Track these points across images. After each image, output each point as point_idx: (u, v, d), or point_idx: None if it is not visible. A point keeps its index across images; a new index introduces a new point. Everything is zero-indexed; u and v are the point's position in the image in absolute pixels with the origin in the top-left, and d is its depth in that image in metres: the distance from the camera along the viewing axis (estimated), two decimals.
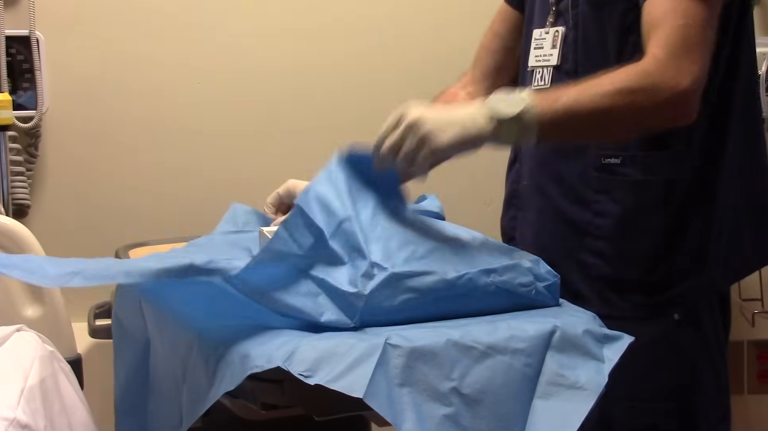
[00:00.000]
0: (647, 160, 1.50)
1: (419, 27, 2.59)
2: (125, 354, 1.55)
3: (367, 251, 1.27)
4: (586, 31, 1.51)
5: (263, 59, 2.51)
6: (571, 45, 1.52)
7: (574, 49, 1.52)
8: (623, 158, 1.50)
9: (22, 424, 1.45)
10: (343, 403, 1.21)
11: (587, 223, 1.52)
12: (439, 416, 1.17)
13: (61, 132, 2.38)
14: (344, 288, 1.23)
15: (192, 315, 1.33)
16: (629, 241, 1.51)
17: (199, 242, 1.64)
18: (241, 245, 1.58)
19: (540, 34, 1.58)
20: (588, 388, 1.22)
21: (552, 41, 1.55)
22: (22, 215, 2.31)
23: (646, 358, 1.47)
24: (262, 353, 1.18)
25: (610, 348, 1.28)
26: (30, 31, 2.30)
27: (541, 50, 1.57)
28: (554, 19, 1.56)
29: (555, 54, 1.55)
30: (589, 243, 1.52)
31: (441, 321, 1.27)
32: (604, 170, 1.52)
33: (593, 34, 1.50)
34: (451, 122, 1.30)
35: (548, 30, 1.56)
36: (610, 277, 1.52)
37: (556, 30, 1.55)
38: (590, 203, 1.52)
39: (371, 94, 2.57)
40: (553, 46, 1.55)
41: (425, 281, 1.26)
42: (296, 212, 1.27)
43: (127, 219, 2.41)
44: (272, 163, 2.53)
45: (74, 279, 1.21)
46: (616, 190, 1.51)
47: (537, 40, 1.59)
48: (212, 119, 2.48)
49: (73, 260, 1.30)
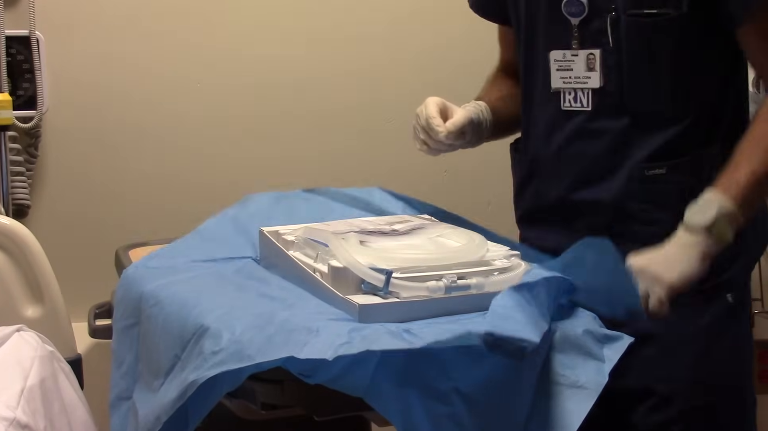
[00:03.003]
0: (693, 163, 1.52)
1: (420, 25, 2.58)
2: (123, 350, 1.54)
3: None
4: (632, 56, 1.51)
5: (263, 60, 2.50)
6: (614, 69, 1.52)
7: (618, 72, 1.52)
8: (668, 167, 1.52)
9: (22, 424, 1.45)
10: (343, 403, 1.21)
11: (634, 233, 1.52)
12: (440, 415, 1.17)
13: (61, 132, 2.38)
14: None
15: (192, 311, 1.32)
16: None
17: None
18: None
19: (564, 56, 1.57)
20: (588, 387, 1.22)
21: (586, 64, 1.54)
22: (22, 215, 2.31)
23: (705, 340, 1.53)
24: (265, 350, 1.17)
25: (610, 348, 1.27)
26: (30, 32, 2.30)
27: (570, 72, 1.57)
28: (579, 41, 1.55)
29: (594, 77, 1.54)
30: (639, 250, 1.47)
31: (440, 318, 1.27)
32: (649, 180, 1.53)
33: (642, 57, 1.51)
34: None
35: (576, 52, 1.55)
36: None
37: (590, 53, 1.54)
38: (636, 213, 1.54)
39: (372, 95, 2.57)
40: (590, 69, 1.54)
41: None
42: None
43: (127, 219, 2.41)
44: (272, 163, 2.53)
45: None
46: (664, 197, 1.52)
47: (560, 62, 1.57)
48: (212, 118, 2.48)
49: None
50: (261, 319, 1.24)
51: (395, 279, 1.26)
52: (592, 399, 1.21)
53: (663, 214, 1.51)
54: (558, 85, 1.59)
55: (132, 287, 1.52)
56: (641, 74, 1.52)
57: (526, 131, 1.68)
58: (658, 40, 1.50)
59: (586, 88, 1.56)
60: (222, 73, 2.47)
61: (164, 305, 1.40)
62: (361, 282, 1.28)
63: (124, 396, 1.46)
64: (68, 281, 2.06)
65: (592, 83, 1.55)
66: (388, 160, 2.59)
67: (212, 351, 1.22)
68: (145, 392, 1.38)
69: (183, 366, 1.27)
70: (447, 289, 1.27)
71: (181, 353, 1.29)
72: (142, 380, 1.42)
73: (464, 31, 2.58)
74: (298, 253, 1.44)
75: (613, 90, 1.53)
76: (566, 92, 1.58)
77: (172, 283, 1.46)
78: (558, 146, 1.59)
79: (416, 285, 1.27)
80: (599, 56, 1.53)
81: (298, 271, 1.41)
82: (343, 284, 1.29)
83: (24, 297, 1.96)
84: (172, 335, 1.33)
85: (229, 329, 1.23)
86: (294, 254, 1.44)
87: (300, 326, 1.21)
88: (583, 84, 1.56)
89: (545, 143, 1.62)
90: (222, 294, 1.39)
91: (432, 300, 1.27)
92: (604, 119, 1.54)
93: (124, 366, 1.48)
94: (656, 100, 1.52)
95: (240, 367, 1.17)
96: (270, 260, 1.51)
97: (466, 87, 1.72)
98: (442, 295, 1.27)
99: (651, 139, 1.52)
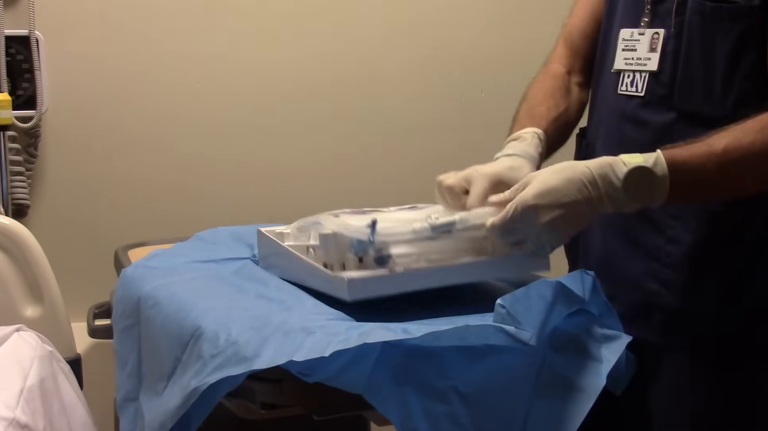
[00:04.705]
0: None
1: (420, 23, 2.59)
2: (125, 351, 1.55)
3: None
4: (690, 44, 1.40)
5: (263, 60, 2.51)
6: (671, 54, 1.42)
7: (674, 59, 1.41)
8: None
9: (21, 424, 1.45)
10: (343, 402, 1.21)
11: (658, 249, 1.44)
12: (438, 414, 1.17)
13: (61, 132, 2.38)
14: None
15: (190, 313, 1.33)
16: (699, 273, 1.41)
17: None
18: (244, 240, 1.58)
19: (631, 35, 1.48)
20: (586, 389, 1.22)
21: (650, 44, 1.44)
22: (21, 215, 2.31)
23: (710, 388, 1.42)
24: (262, 352, 1.18)
25: (608, 349, 1.27)
26: (30, 31, 2.30)
27: (633, 53, 1.47)
28: (650, 19, 1.45)
29: (654, 59, 1.43)
30: (657, 270, 1.44)
31: (440, 318, 1.27)
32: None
33: (699, 47, 1.39)
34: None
35: (643, 31, 1.46)
36: (672, 308, 1.43)
37: (655, 32, 1.44)
38: (665, 228, 1.43)
39: (372, 94, 2.57)
40: (651, 50, 1.44)
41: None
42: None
43: (127, 219, 2.41)
44: (272, 163, 2.53)
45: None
46: (693, 218, 1.41)
47: (627, 41, 1.48)
48: (212, 118, 2.48)
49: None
50: (258, 321, 1.25)
51: (381, 229, 1.28)
52: (591, 401, 1.20)
53: (687, 234, 1.41)
54: (620, 66, 1.49)
55: (131, 288, 1.53)
56: (696, 66, 1.40)
57: (590, 115, 1.59)
58: (721, 31, 1.37)
59: (644, 71, 1.45)
60: (221, 74, 2.47)
61: (162, 306, 1.40)
62: (350, 245, 1.29)
63: (131, 397, 1.46)
64: (67, 281, 2.06)
65: (651, 66, 1.44)
66: (388, 162, 2.59)
67: (211, 354, 1.22)
68: (150, 395, 1.38)
69: (184, 368, 1.28)
70: (432, 228, 1.27)
71: (181, 355, 1.30)
72: (147, 383, 1.42)
73: (468, 32, 2.59)
74: (292, 241, 1.45)
75: (666, 80, 1.42)
76: (626, 75, 1.48)
77: (171, 284, 1.46)
78: (608, 131, 1.51)
79: (402, 229, 1.27)
80: (662, 37, 1.43)
81: (291, 258, 1.41)
82: (333, 251, 1.30)
83: (23, 297, 1.97)
84: (172, 337, 1.33)
85: (226, 330, 1.23)
86: (288, 243, 1.44)
87: (297, 327, 1.22)
88: (643, 66, 1.45)
89: (599, 127, 1.54)
90: (220, 296, 1.39)
91: (424, 271, 1.28)
92: (652, 109, 1.44)
93: (128, 366, 1.49)
94: (707, 99, 1.39)
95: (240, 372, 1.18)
96: (269, 259, 1.52)
97: (467, 88, 1.72)
98: (428, 235, 1.28)
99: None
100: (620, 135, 1.47)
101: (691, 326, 1.42)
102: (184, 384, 1.25)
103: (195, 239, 1.74)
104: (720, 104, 1.37)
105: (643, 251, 1.44)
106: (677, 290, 1.42)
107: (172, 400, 1.28)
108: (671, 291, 1.42)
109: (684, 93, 1.40)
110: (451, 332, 1.17)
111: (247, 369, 1.17)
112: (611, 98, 1.50)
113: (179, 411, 1.25)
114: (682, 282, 1.41)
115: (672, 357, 1.41)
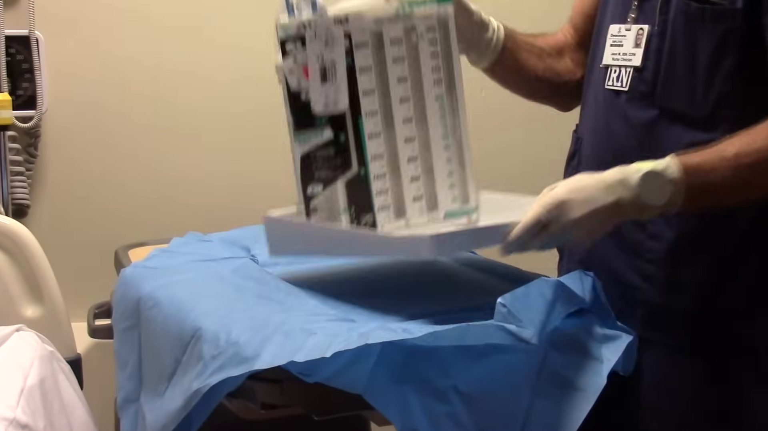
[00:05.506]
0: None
1: None
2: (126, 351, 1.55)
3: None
4: (674, 43, 1.41)
5: (264, 61, 2.49)
6: (654, 51, 1.43)
7: (657, 57, 1.43)
8: None
9: (21, 424, 1.45)
10: (343, 402, 1.21)
11: (639, 244, 1.44)
12: (438, 413, 1.17)
13: (61, 132, 2.38)
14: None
15: (190, 314, 1.33)
16: (680, 269, 1.42)
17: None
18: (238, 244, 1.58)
19: (618, 30, 1.49)
20: (587, 389, 1.22)
21: (635, 40, 1.46)
22: (21, 215, 2.31)
23: (693, 385, 1.42)
24: (262, 353, 1.18)
25: (609, 349, 1.28)
26: (30, 31, 2.30)
27: (620, 48, 1.48)
28: (636, 15, 1.47)
29: (638, 54, 1.45)
30: (639, 265, 1.44)
31: (441, 317, 1.27)
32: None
33: (682, 47, 1.40)
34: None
35: (629, 27, 1.48)
36: (654, 303, 1.44)
37: (640, 28, 1.45)
38: (646, 223, 1.43)
39: None
40: (636, 45, 1.46)
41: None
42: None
43: (127, 219, 2.41)
44: (272, 164, 2.52)
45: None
46: (675, 215, 1.39)
47: (615, 36, 1.50)
48: (212, 118, 2.48)
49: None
50: (258, 321, 1.25)
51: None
52: (592, 400, 1.21)
53: (669, 230, 1.42)
54: (608, 61, 1.51)
55: (130, 288, 1.53)
56: (678, 65, 1.41)
57: (581, 110, 1.61)
58: (704, 32, 1.38)
59: (629, 66, 1.47)
60: (222, 73, 2.47)
61: (162, 307, 1.40)
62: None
63: (132, 399, 1.46)
64: (68, 281, 2.06)
65: (635, 61, 1.46)
66: None
67: (212, 355, 1.22)
68: (151, 396, 1.39)
69: (185, 369, 1.28)
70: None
71: (182, 356, 1.30)
72: (147, 384, 1.42)
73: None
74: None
75: (649, 77, 1.44)
76: (612, 70, 1.50)
77: (170, 284, 1.46)
78: (596, 125, 1.52)
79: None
80: (647, 33, 1.44)
81: (340, 234, 1.37)
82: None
83: (23, 297, 1.97)
84: (172, 338, 1.33)
85: (226, 331, 1.23)
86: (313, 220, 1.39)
87: (297, 328, 1.22)
88: (628, 61, 1.47)
89: (588, 121, 1.56)
90: (220, 296, 1.39)
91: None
92: (636, 105, 1.45)
93: (129, 367, 1.49)
94: (688, 98, 1.40)
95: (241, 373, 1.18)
96: (286, 243, 1.47)
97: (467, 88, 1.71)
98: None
99: (678, 140, 1.40)
100: (608, 130, 1.49)
101: (673, 322, 1.42)
102: (185, 386, 1.25)
103: (190, 236, 1.73)
104: (701, 104, 1.38)
105: (627, 246, 1.45)
106: (659, 285, 1.43)
107: (173, 402, 1.28)
108: (653, 287, 1.43)
109: (666, 91, 1.41)
110: (452, 331, 1.17)
111: (247, 369, 1.17)
112: (600, 93, 1.52)
113: (181, 412, 1.25)
114: (663, 278, 1.42)
115: (656, 352, 1.41)
